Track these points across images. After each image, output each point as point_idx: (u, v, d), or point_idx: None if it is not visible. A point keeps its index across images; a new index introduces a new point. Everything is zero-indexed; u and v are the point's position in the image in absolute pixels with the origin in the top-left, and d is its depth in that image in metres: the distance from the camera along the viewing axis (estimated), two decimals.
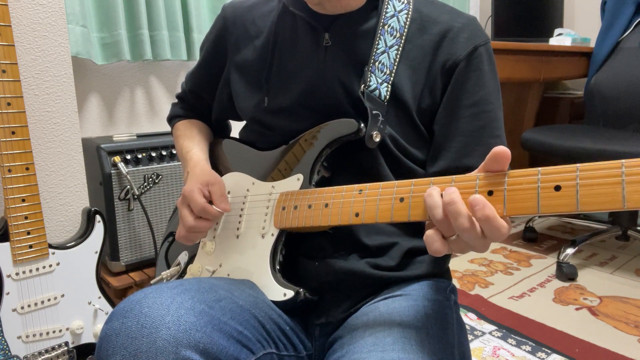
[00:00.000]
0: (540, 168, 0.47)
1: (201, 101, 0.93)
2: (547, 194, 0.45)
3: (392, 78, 0.71)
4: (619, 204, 0.42)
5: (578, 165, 0.44)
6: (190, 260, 0.83)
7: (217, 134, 0.97)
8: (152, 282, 0.86)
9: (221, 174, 0.85)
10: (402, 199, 0.55)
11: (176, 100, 0.99)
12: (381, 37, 0.72)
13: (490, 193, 0.49)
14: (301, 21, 0.76)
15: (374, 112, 0.69)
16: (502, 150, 0.48)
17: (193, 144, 0.87)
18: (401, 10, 0.73)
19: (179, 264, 0.85)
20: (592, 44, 2.30)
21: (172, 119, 0.98)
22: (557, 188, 0.45)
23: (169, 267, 0.89)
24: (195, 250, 0.82)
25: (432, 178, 0.54)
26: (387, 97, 0.70)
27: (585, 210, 0.43)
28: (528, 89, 2.58)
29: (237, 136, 0.90)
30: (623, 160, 0.42)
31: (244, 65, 0.81)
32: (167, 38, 1.66)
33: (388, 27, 0.72)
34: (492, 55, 0.73)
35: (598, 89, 2.17)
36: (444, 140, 0.72)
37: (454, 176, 0.52)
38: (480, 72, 0.71)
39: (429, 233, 0.51)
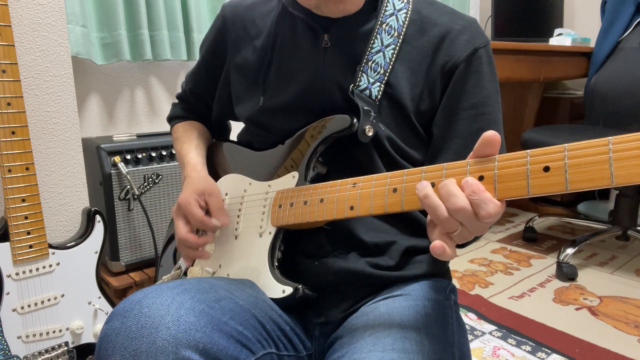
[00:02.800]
0: (529, 150, 0.47)
1: (201, 101, 0.93)
2: (536, 175, 0.46)
3: (386, 78, 0.71)
4: (607, 181, 0.42)
5: (566, 145, 0.45)
6: (191, 263, 0.83)
7: (216, 134, 0.97)
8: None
9: (219, 177, 0.85)
10: (395, 190, 0.56)
11: (176, 101, 0.99)
12: (378, 36, 0.71)
13: (481, 178, 0.49)
14: (300, 22, 0.76)
15: (365, 108, 0.69)
16: (492, 134, 0.48)
17: (191, 147, 0.87)
18: (400, 9, 0.73)
19: (179, 267, 0.85)
20: (592, 44, 2.29)
21: (171, 120, 0.98)
22: (546, 169, 0.46)
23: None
24: None
25: (424, 167, 0.54)
26: (379, 96, 0.70)
27: (575, 188, 0.44)
28: (528, 89, 2.58)
29: (236, 139, 0.90)
30: (610, 138, 0.42)
31: (243, 65, 0.81)
32: (167, 38, 1.66)
33: (386, 25, 0.72)
34: (491, 57, 0.73)
35: (598, 89, 2.17)
36: (442, 141, 0.72)
37: (444, 164, 0.52)
38: (480, 74, 0.71)
39: (438, 245, 0.50)
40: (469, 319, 1.55)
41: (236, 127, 0.92)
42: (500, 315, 1.56)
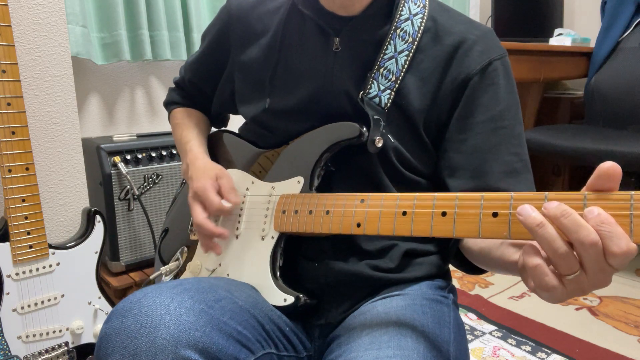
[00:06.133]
0: (547, 193, 0.44)
1: (200, 92, 0.92)
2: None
3: (397, 85, 0.69)
4: None
5: (585, 193, 0.42)
6: (189, 256, 0.83)
7: (214, 124, 0.96)
8: (151, 277, 0.86)
9: None
10: (404, 213, 0.54)
11: (174, 86, 0.97)
12: (391, 41, 0.69)
13: (494, 214, 0.47)
14: (310, 22, 0.73)
15: (375, 117, 0.67)
16: (610, 165, 0.41)
17: (192, 135, 0.86)
18: (416, 14, 0.70)
19: (177, 259, 0.85)
20: (592, 44, 2.29)
21: (169, 105, 0.96)
22: None
23: (164, 263, 0.88)
24: (194, 246, 0.82)
25: (437, 194, 0.52)
26: (388, 104, 0.68)
27: None
28: (528, 89, 2.58)
29: (237, 131, 0.88)
30: (632, 192, 0.40)
31: (248, 64, 0.79)
32: (167, 38, 1.66)
33: (400, 31, 0.69)
34: (509, 69, 0.71)
35: (598, 89, 2.17)
36: (459, 157, 0.69)
37: (457, 194, 0.50)
38: (496, 87, 0.68)
39: (537, 263, 0.43)
40: (469, 319, 1.55)
41: (234, 120, 0.91)
42: (500, 315, 1.56)
